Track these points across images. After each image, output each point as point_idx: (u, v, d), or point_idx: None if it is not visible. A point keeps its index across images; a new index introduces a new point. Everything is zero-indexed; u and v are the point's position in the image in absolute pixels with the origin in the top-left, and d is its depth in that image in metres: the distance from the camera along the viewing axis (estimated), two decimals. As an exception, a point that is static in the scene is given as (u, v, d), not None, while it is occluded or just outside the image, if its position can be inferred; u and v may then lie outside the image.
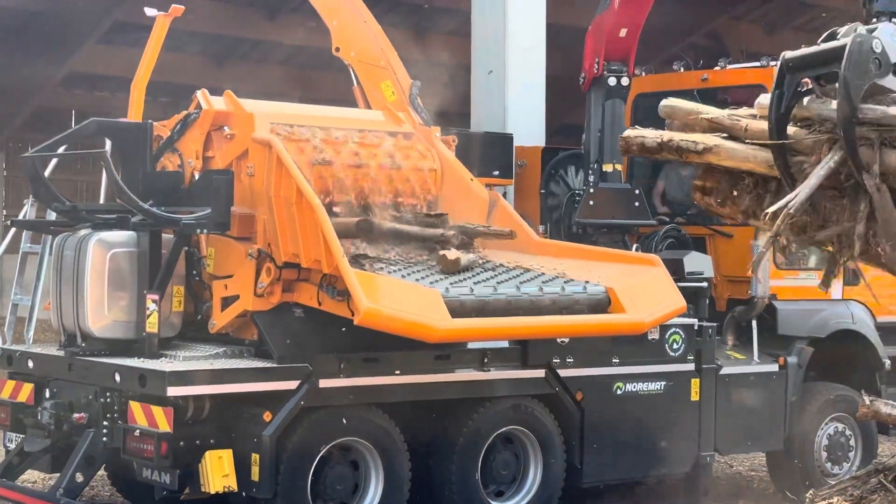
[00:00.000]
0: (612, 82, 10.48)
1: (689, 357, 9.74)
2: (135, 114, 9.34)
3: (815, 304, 10.50)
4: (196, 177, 8.60)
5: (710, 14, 21.07)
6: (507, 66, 11.76)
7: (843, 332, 10.64)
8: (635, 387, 9.43)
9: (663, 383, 9.56)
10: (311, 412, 7.96)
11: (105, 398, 8.12)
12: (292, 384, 7.92)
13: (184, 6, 9.55)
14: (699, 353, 9.78)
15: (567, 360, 9.08)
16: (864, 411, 7.03)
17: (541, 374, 8.94)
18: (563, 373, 9.05)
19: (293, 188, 7.87)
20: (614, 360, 9.34)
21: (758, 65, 10.75)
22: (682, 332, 9.66)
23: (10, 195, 22.58)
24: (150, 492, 8.26)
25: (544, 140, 11.65)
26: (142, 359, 8.04)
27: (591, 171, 10.50)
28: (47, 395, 8.56)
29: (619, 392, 9.34)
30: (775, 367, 10.33)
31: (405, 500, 8.32)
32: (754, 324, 10.29)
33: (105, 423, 8.08)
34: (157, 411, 7.71)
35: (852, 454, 10.67)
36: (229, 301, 8.31)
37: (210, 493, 7.76)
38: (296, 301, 8.21)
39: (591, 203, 10.29)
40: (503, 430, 8.75)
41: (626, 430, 9.34)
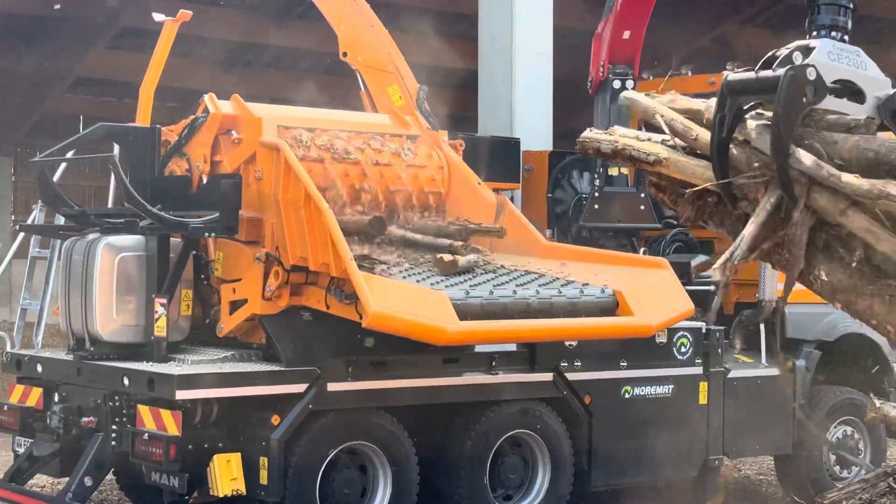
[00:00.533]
0: (617, 85, 10.49)
1: (697, 360, 9.74)
2: (143, 118, 9.37)
3: (824, 307, 10.48)
4: (204, 181, 8.61)
5: (718, 18, 21.05)
6: (515, 71, 11.79)
7: (851, 336, 10.64)
8: (643, 390, 9.43)
9: (671, 387, 9.56)
10: (319, 416, 7.98)
11: (114, 402, 8.14)
12: (300, 388, 7.93)
13: (191, 11, 9.58)
14: (707, 357, 9.79)
15: (575, 363, 9.08)
16: (872, 415, 7.03)
17: (549, 377, 8.95)
18: (571, 376, 9.05)
19: (301, 191, 7.88)
20: (622, 364, 9.34)
21: None
22: (689, 336, 9.67)
23: (19, 200, 22.62)
24: (159, 495, 8.27)
25: (551, 144, 11.67)
26: (150, 362, 8.06)
27: (596, 175, 10.52)
28: (56, 399, 8.58)
29: (626, 395, 9.35)
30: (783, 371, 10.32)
31: (413, 504, 8.34)
32: (762, 327, 10.28)
33: (114, 426, 8.10)
34: (166, 415, 7.72)
35: (861, 458, 10.65)
36: (237, 305, 8.33)
37: (218, 496, 7.77)
38: (304, 304, 8.22)
39: (597, 207, 10.31)
40: (511, 433, 8.75)
41: (634, 433, 9.34)
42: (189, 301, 8.42)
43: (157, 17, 9.52)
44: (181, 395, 7.61)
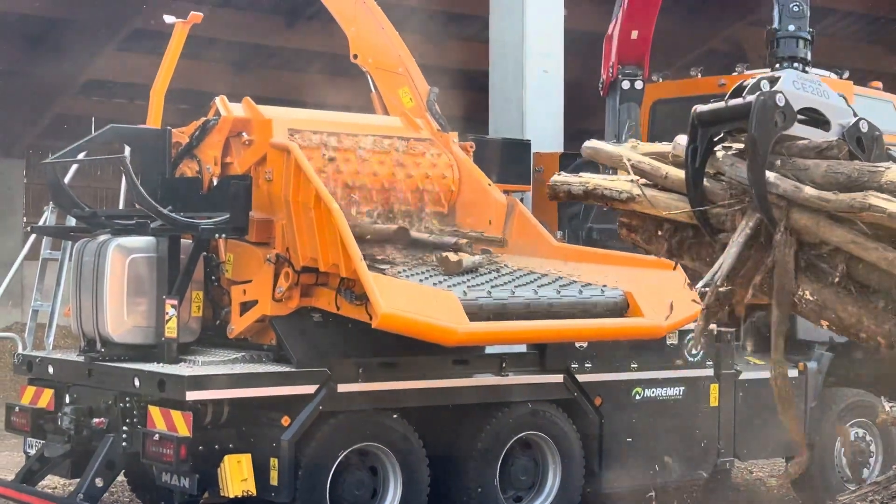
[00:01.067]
0: (626, 86, 10.49)
1: (708, 362, 9.74)
2: (154, 120, 9.40)
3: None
4: (214, 182, 8.64)
5: (728, 20, 21.04)
6: (525, 72, 11.79)
7: (863, 337, 10.60)
8: (654, 392, 9.43)
9: (682, 388, 9.56)
10: (329, 417, 7.99)
11: (124, 403, 8.17)
12: (310, 389, 7.95)
13: (202, 13, 9.61)
14: (718, 359, 9.78)
15: (585, 364, 9.09)
16: (884, 417, 7.02)
17: (559, 379, 8.95)
18: (581, 378, 9.05)
19: (311, 193, 7.90)
20: (633, 366, 9.34)
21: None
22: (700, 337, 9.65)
23: (31, 202, 22.71)
24: (170, 496, 8.28)
25: (562, 146, 11.67)
26: (161, 364, 8.08)
27: (608, 177, 10.50)
28: (67, 400, 8.61)
29: (637, 397, 9.34)
30: (795, 373, 10.31)
31: (423, 506, 8.35)
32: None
33: (124, 427, 8.13)
34: (177, 416, 7.75)
35: (873, 460, 10.63)
36: (248, 306, 8.35)
37: (229, 497, 7.80)
38: (314, 305, 8.24)
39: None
40: (521, 435, 8.76)
41: (644, 435, 9.34)
42: (199, 302, 8.45)
43: (168, 19, 9.56)
44: (192, 395, 7.63)
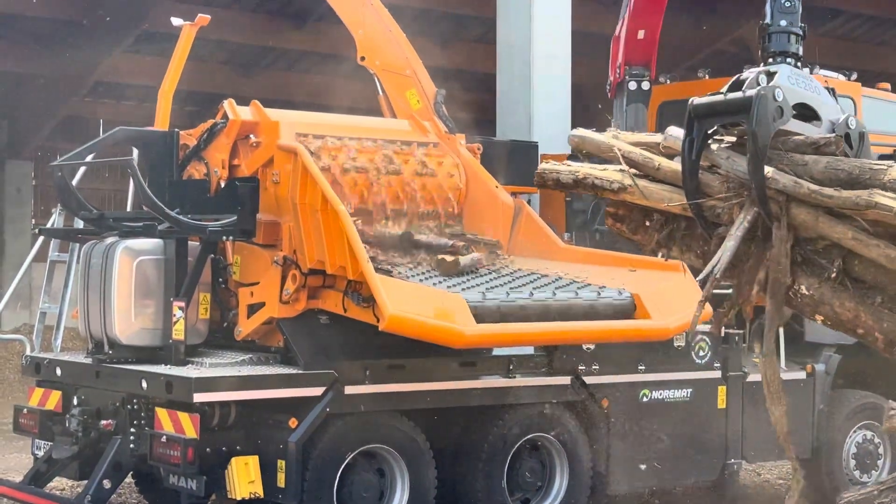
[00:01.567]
0: (633, 86, 10.48)
1: (716, 364, 9.73)
2: (161, 123, 9.41)
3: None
4: (222, 185, 8.65)
5: (736, 21, 21.01)
6: (533, 74, 11.79)
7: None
8: (661, 394, 9.42)
9: (689, 391, 9.55)
10: (336, 419, 8.00)
11: (132, 405, 8.19)
12: (318, 391, 7.95)
13: (210, 16, 9.63)
14: (726, 361, 9.77)
15: (593, 367, 9.08)
16: (888, 426, 6.98)
17: (566, 381, 8.95)
18: (588, 380, 9.05)
19: (318, 195, 7.91)
20: (640, 368, 9.34)
21: None
22: (708, 339, 9.66)
23: (39, 204, 22.75)
24: (177, 498, 8.29)
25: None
26: (168, 366, 8.10)
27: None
28: (75, 402, 8.63)
29: (645, 399, 9.34)
30: (803, 375, 10.30)
31: (431, 507, 8.35)
32: (781, 331, 10.26)
33: (132, 429, 8.15)
34: (184, 418, 7.76)
35: (881, 462, 10.62)
36: (255, 308, 8.36)
37: (236, 499, 7.80)
38: (321, 308, 8.25)
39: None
40: (529, 437, 8.76)
41: (652, 437, 9.33)
42: (207, 304, 8.46)
43: (176, 21, 9.57)
44: (199, 397, 7.64)
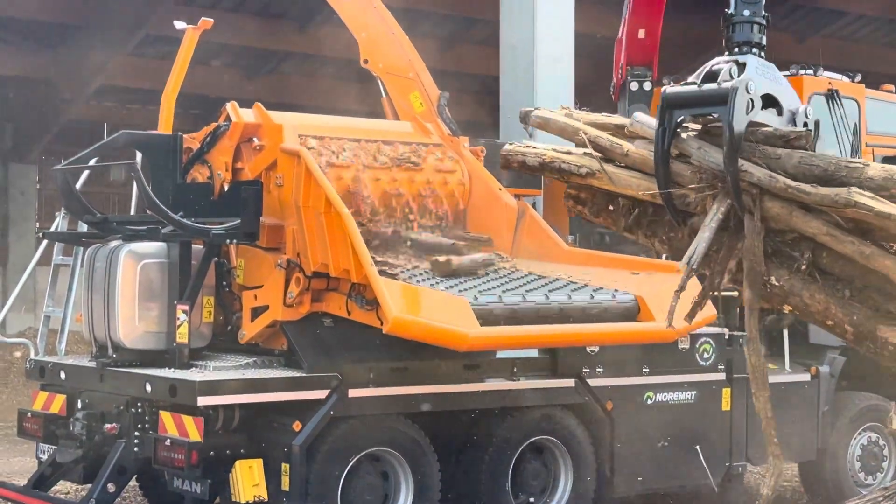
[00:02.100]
0: (635, 87, 10.47)
1: (720, 367, 9.72)
2: (165, 126, 9.42)
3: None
4: (225, 188, 8.65)
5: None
6: (536, 76, 11.78)
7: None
8: (665, 396, 9.42)
9: (694, 393, 9.55)
10: (340, 422, 8.00)
11: (136, 408, 8.20)
12: (322, 394, 7.96)
13: (213, 19, 9.63)
14: (730, 363, 9.76)
15: (597, 369, 9.08)
16: (892, 428, 6.98)
17: (570, 383, 8.95)
18: (592, 382, 9.05)
19: (322, 198, 7.91)
20: (644, 370, 9.33)
21: (788, 73, 10.72)
22: (712, 342, 9.65)
23: (43, 208, 22.77)
24: (181, 502, 8.29)
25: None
26: (172, 369, 8.10)
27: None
28: (79, 406, 8.64)
29: (649, 402, 9.33)
30: (807, 377, 10.29)
31: (435, 510, 8.35)
32: (786, 333, 10.25)
33: (136, 433, 8.15)
34: (188, 421, 7.77)
35: (886, 464, 10.60)
36: (259, 311, 8.36)
37: (241, 502, 7.79)
38: (325, 311, 8.26)
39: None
40: (533, 439, 8.75)
41: (656, 440, 9.33)
42: (211, 308, 8.46)
43: (179, 25, 9.57)
44: (203, 401, 7.65)
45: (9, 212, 21.92)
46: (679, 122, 6.63)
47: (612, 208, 7.13)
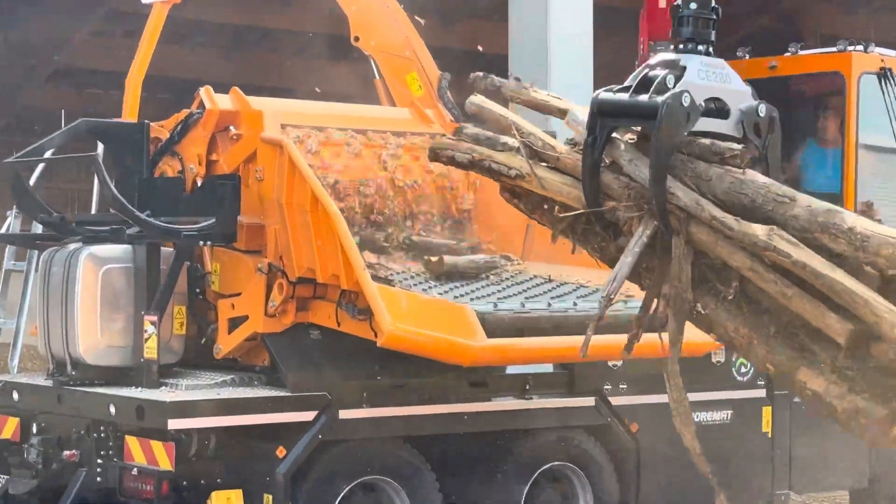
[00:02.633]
0: None
1: (760, 382, 9.74)
2: (130, 113, 9.46)
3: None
4: (199, 183, 8.68)
5: (783, -8, 21.07)
6: (550, 55, 11.79)
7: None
8: (698, 416, 9.40)
9: (730, 412, 9.56)
10: (330, 447, 8.02)
11: (98, 433, 8.22)
12: (309, 415, 7.98)
13: (184, -8, 9.67)
14: (771, 378, 9.78)
15: (620, 386, 9.09)
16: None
17: (590, 402, 8.97)
18: (615, 401, 9.07)
19: (307, 194, 7.94)
20: (674, 387, 9.33)
21: (834, 50, 10.75)
22: (750, 354, 9.66)
23: (-8, 207, 22.79)
24: (150, 538, 8.34)
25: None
26: (139, 388, 8.12)
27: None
28: (34, 430, 8.65)
29: (679, 422, 9.33)
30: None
31: (437, 546, 8.38)
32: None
33: (99, 460, 8.17)
34: (157, 447, 7.78)
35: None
36: (237, 322, 8.39)
37: (217, 538, 7.84)
38: (312, 321, 8.28)
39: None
40: (548, 466, 8.78)
41: (687, 465, 9.29)
42: (182, 319, 8.48)
43: (145, -2, 9.61)
44: (174, 424, 7.67)
45: (-46, 211, 21.96)
46: (610, 131, 6.80)
47: (546, 207, 7.31)
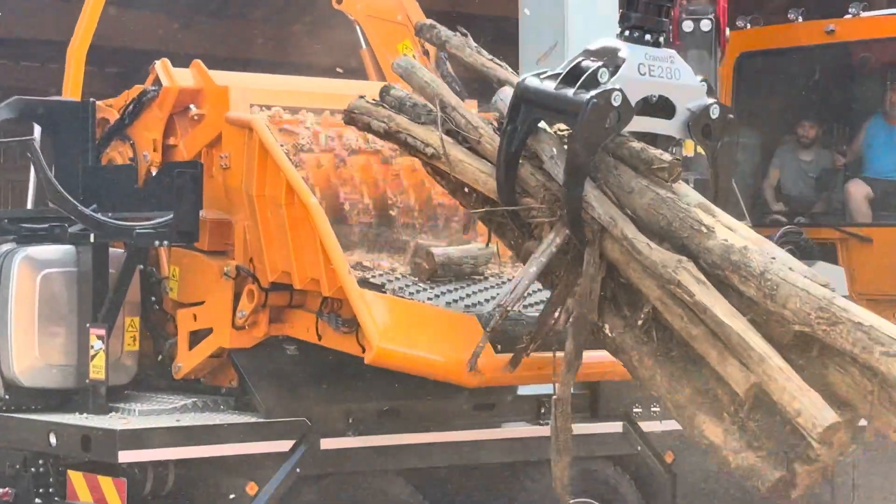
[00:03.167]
0: (689, 27, 10.52)
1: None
2: (72, 90, 9.46)
3: None
4: (153, 172, 8.68)
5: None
6: (568, 15, 11.75)
7: None
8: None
9: (779, 439, 9.55)
10: (310, 482, 8.01)
11: (37, 467, 8.20)
12: (285, 445, 7.97)
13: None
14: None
15: (652, 409, 9.07)
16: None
17: (617, 427, 8.97)
18: (646, 426, 9.07)
19: (282, 184, 7.93)
20: (714, 410, 9.34)
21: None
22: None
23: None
24: (99, 590, 8.33)
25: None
26: (85, 414, 8.12)
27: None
28: (-39, 464, 8.67)
29: (721, 451, 9.34)
30: None
31: None
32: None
33: (37, 500, 8.15)
34: (106, 483, 7.77)
35: None
36: (200, 336, 8.39)
37: (178, 590, 7.85)
38: (287, 335, 8.29)
39: None
40: (568, 503, 8.77)
41: (730, 501, 9.33)
42: (135, 332, 8.49)
43: (90, -46, 9.60)
44: (126, 456, 7.63)
45: None
46: (534, 121, 7.04)
47: (467, 191, 7.61)
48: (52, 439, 8.01)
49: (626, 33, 7.05)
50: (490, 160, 7.29)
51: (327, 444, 8.06)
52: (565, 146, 7.07)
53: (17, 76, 21.69)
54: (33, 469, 8.22)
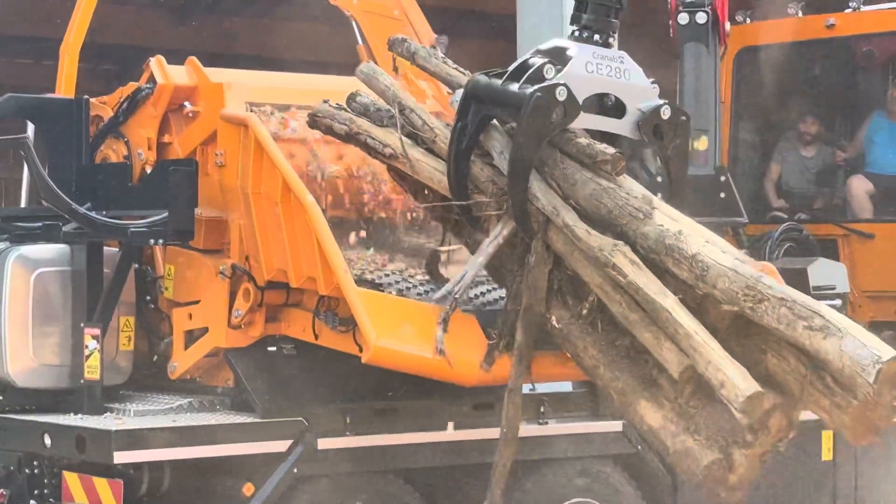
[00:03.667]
0: (684, 20, 10.53)
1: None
2: (66, 87, 9.44)
3: None
4: (148, 170, 8.68)
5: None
6: (566, 13, 11.75)
7: None
8: (747, 443, 9.41)
9: (784, 438, 9.54)
10: (306, 483, 8.00)
11: (31, 469, 8.22)
12: (281, 445, 7.97)
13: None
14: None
15: (652, 408, 9.08)
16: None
17: (618, 427, 8.95)
18: (647, 425, 9.05)
19: (278, 182, 7.93)
20: (717, 408, 9.34)
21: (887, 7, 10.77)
22: (808, 368, 9.66)
23: None
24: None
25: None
26: (80, 415, 8.12)
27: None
28: (-45, 466, 8.67)
29: (723, 450, 9.33)
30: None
31: None
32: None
33: (32, 501, 8.17)
34: (102, 485, 7.77)
35: None
36: (196, 336, 8.39)
37: (173, 593, 7.85)
38: (284, 334, 8.30)
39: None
40: (568, 503, 8.77)
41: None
42: (130, 332, 8.49)
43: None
44: (121, 457, 7.64)
45: None
46: (485, 118, 7.21)
47: (427, 193, 7.79)
48: (47, 440, 8.01)
49: (577, 33, 7.23)
50: (445, 159, 7.46)
51: (324, 444, 8.06)
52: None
53: (10, 74, 21.69)
54: (28, 470, 8.23)
